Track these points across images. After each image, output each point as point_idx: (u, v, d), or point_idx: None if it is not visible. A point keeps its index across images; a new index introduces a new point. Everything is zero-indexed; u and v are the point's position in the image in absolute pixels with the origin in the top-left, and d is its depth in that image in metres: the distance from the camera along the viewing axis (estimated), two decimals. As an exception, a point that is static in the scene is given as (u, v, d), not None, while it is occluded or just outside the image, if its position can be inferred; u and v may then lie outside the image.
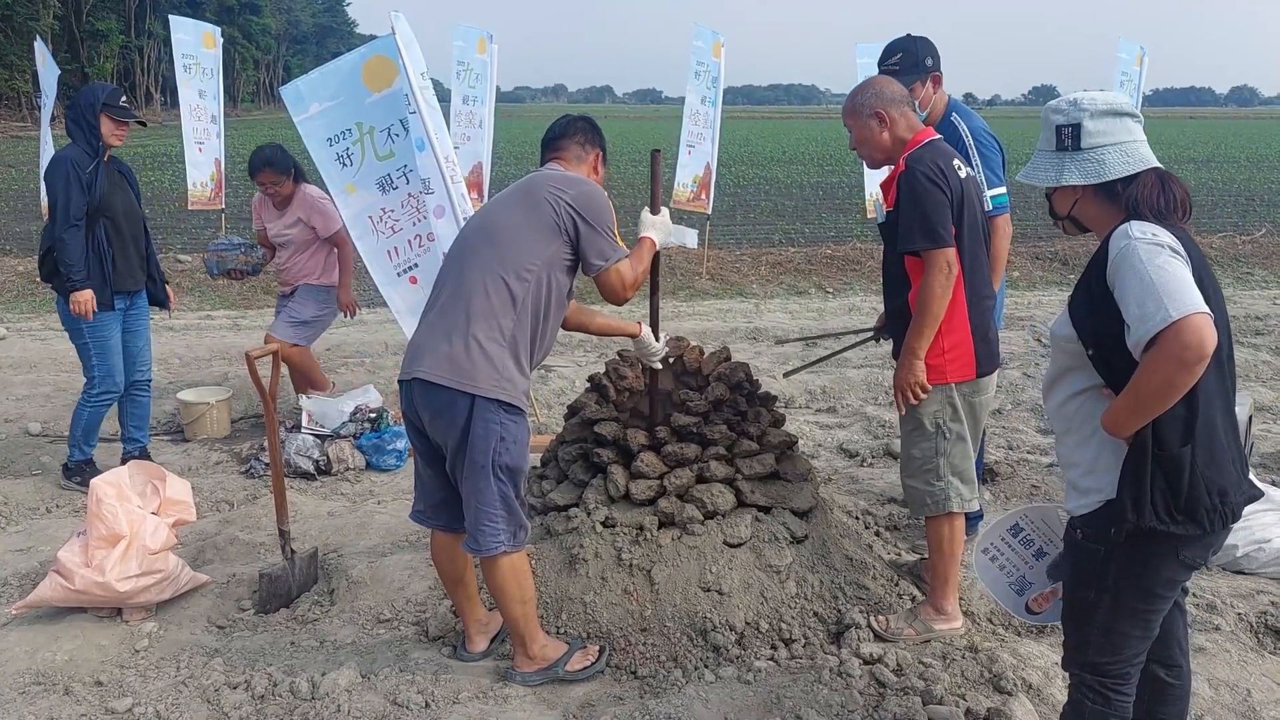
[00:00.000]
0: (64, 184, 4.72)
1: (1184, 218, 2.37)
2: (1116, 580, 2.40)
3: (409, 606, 3.83)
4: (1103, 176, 2.39)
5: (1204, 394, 2.25)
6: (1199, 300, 2.11)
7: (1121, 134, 2.41)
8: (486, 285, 3.07)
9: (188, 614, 3.81)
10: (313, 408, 5.70)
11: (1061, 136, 2.44)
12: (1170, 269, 2.15)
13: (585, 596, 3.57)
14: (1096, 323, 2.34)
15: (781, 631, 3.51)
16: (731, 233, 14.86)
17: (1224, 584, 4.00)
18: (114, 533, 3.62)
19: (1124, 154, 2.39)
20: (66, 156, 4.77)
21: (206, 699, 3.24)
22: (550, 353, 3.70)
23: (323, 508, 4.91)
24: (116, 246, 4.94)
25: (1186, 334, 2.07)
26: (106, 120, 4.83)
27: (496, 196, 3.35)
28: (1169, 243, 2.21)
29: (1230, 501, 2.31)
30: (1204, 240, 13.25)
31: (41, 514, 4.87)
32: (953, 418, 3.50)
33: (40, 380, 7.06)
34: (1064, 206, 2.51)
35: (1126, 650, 2.48)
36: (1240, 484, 2.37)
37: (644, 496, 3.72)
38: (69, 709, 3.18)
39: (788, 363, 7.81)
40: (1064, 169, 2.44)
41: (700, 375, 4.05)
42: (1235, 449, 2.37)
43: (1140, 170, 2.38)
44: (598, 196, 3.23)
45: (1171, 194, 2.34)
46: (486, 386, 3.03)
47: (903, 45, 4.05)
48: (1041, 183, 2.48)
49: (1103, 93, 2.46)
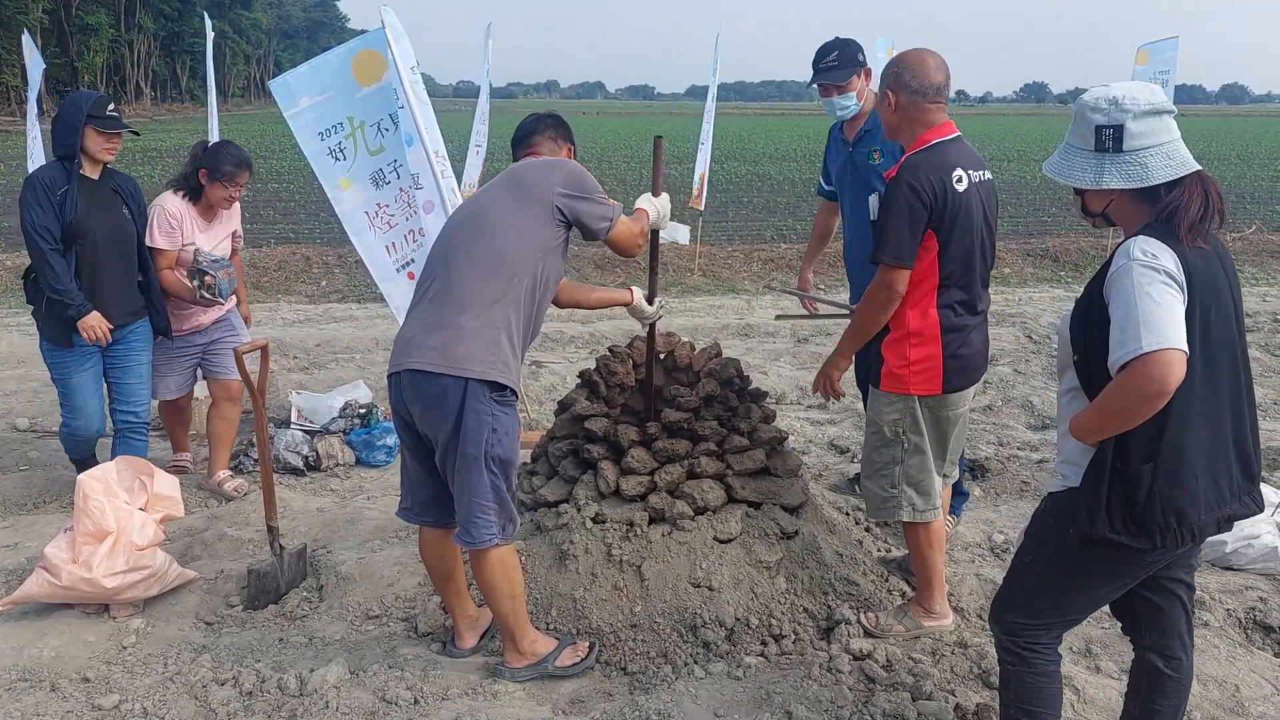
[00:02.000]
0: (30, 207, 4.24)
1: (1220, 225, 2.35)
2: (1056, 555, 2.48)
3: (398, 603, 3.82)
4: (1146, 181, 2.32)
5: (1178, 416, 2.27)
6: (1175, 336, 2.13)
7: (1163, 134, 2.33)
8: (476, 276, 3.06)
9: (175, 610, 3.79)
10: (302, 403, 5.68)
11: (1101, 137, 2.36)
12: (1157, 298, 2.16)
13: (575, 593, 3.56)
14: (1088, 330, 2.36)
15: (771, 627, 3.50)
16: (723, 229, 14.85)
17: (1213, 580, 4.01)
18: (101, 528, 3.60)
19: (1166, 157, 2.32)
20: (37, 176, 4.29)
21: (194, 695, 3.22)
22: (539, 339, 3.71)
23: (312, 504, 4.89)
24: (90, 274, 4.37)
25: (1152, 368, 2.11)
26: (92, 134, 4.30)
27: (483, 188, 3.34)
28: (1167, 267, 2.20)
29: (1190, 522, 2.32)
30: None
31: (29, 510, 4.84)
32: (912, 428, 3.46)
33: (29, 376, 7.02)
34: (1098, 205, 2.46)
35: (1045, 618, 2.56)
36: (1217, 503, 2.36)
37: (634, 492, 3.72)
38: (55, 705, 3.16)
39: (780, 359, 7.81)
40: (1104, 171, 2.36)
41: (691, 371, 4.04)
42: (1224, 468, 2.37)
43: (1184, 175, 2.32)
44: (582, 171, 3.27)
45: (1212, 205, 2.31)
46: (479, 369, 3.01)
47: (835, 45, 4.22)
48: (1079, 184, 2.42)
49: (1143, 89, 2.36)
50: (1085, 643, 3.53)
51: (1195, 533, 2.34)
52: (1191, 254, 2.26)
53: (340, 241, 12.84)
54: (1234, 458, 2.39)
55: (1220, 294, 2.32)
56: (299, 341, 8.12)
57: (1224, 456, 2.37)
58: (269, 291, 10.33)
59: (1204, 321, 2.27)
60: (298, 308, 9.71)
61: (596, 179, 3.30)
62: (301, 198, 18.51)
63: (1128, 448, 2.29)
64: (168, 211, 4.67)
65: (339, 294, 10.41)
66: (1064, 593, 2.52)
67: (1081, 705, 3.16)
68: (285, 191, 19.52)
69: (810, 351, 8.03)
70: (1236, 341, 2.38)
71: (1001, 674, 2.68)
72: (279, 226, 14.39)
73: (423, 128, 5.39)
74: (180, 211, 4.71)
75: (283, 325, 8.88)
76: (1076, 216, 3.57)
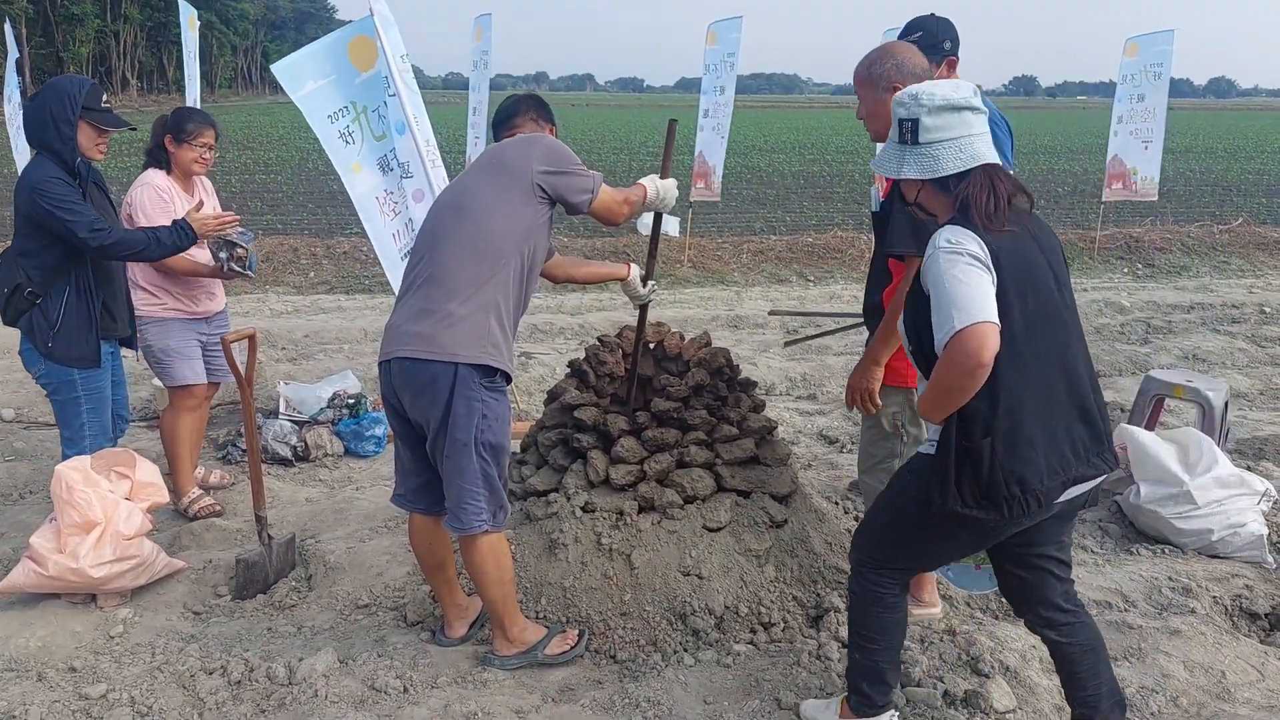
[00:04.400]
0: (63, 204, 3.69)
1: (1031, 206, 2.52)
2: (913, 510, 2.62)
3: (387, 592, 3.81)
4: (936, 172, 2.49)
5: (1007, 389, 2.39)
6: (985, 310, 2.27)
7: (958, 129, 2.49)
8: (463, 261, 3.04)
9: (163, 600, 3.78)
10: (290, 394, 5.66)
11: (903, 130, 2.53)
12: (964, 278, 2.32)
13: (565, 581, 3.56)
14: (917, 318, 2.51)
15: (761, 615, 3.51)
16: (713, 221, 14.84)
17: (1199, 568, 4.03)
18: (88, 519, 3.58)
19: (958, 150, 2.49)
20: (54, 176, 3.72)
21: (182, 685, 3.21)
22: (526, 330, 3.70)
23: (300, 494, 4.88)
24: (104, 282, 3.98)
25: (967, 343, 2.25)
26: (87, 129, 3.79)
27: (463, 173, 3.31)
28: (970, 250, 2.36)
29: (1033, 489, 2.43)
30: (1180, 231, 13.34)
31: (14, 500, 4.81)
32: (911, 421, 3.45)
33: (14, 366, 6.94)
34: (910, 194, 2.63)
35: (894, 563, 2.76)
36: (1061, 468, 2.46)
37: (624, 481, 3.71)
38: (42, 695, 3.14)
39: (769, 350, 7.81)
40: (904, 162, 2.54)
41: (680, 361, 4.03)
42: (1065, 432, 2.47)
43: (972, 167, 2.47)
44: (559, 145, 3.23)
45: (999, 194, 2.45)
46: (470, 354, 3.00)
47: (924, 24, 3.89)
48: (885, 173, 2.61)
49: (946, 85, 2.52)
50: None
51: (1040, 499, 2.45)
52: (997, 237, 2.40)
53: (328, 233, 12.82)
54: (1077, 420, 2.50)
55: (1035, 268, 2.46)
56: (287, 333, 8.09)
57: (1064, 421, 2.48)
58: (256, 283, 10.26)
59: (1019, 295, 2.40)
60: (285, 299, 9.67)
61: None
62: (289, 189, 18.43)
63: (967, 424, 2.42)
64: (157, 187, 4.40)
65: (327, 285, 10.37)
66: (910, 544, 2.73)
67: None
68: (273, 183, 19.43)
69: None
70: (1061, 309, 2.50)
71: (849, 599, 2.88)
72: (266, 218, 14.32)
73: (412, 117, 5.36)
74: (167, 185, 4.45)
75: (270, 316, 8.85)
76: (1066, 210, 3.58)
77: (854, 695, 2.86)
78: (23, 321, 3.89)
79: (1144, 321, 8.96)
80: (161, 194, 4.40)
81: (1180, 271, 11.89)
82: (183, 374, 4.54)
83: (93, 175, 4.00)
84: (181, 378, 4.54)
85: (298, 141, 31.64)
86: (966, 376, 2.29)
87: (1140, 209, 14.39)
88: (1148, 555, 4.19)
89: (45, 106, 3.76)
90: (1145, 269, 11.96)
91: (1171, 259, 12.29)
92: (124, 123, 4.01)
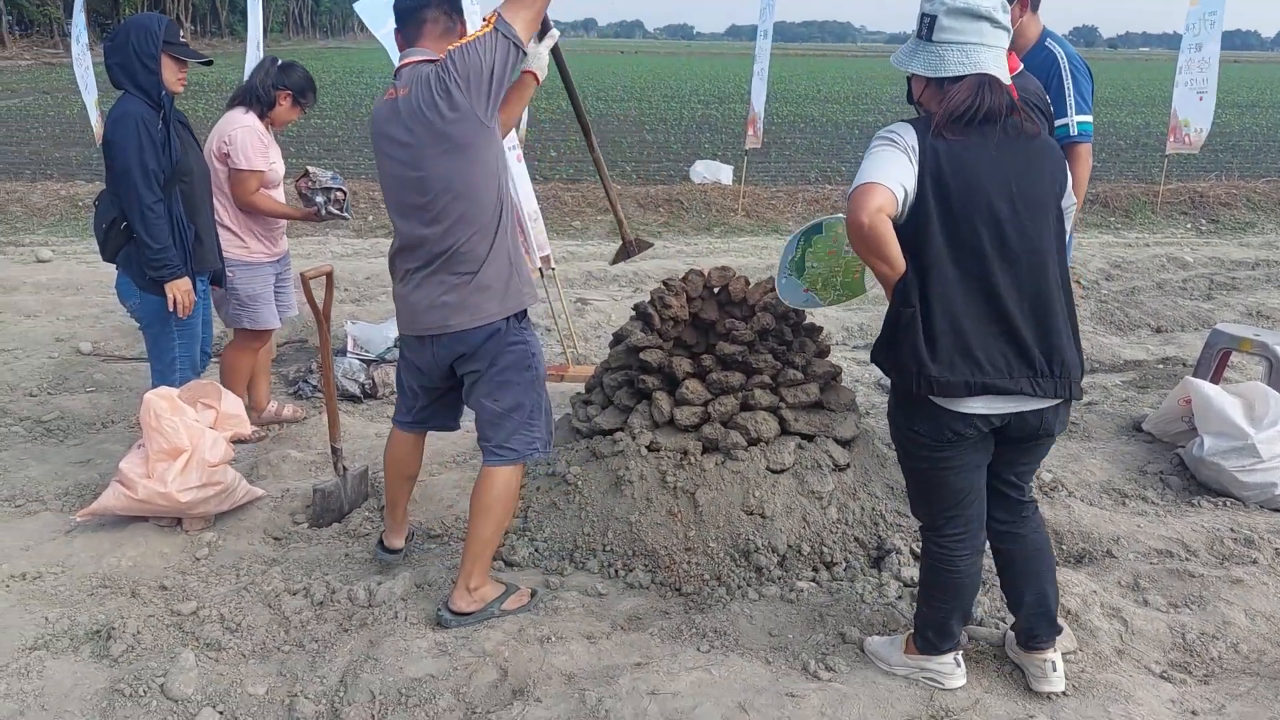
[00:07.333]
0: (136, 145, 3.81)
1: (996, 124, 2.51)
2: (906, 452, 2.78)
3: (458, 523, 3.94)
4: (938, 72, 2.54)
5: (925, 269, 2.50)
6: (876, 175, 2.42)
7: (971, 35, 2.52)
8: (467, 233, 3.06)
9: (244, 525, 3.93)
10: (357, 333, 5.79)
11: (921, 25, 2.58)
12: (878, 155, 2.48)
13: (630, 516, 3.65)
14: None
15: (823, 555, 3.58)
16: (766, 170, 14.74)
17: (1261, 520, 4.03)
18: (175, 446, 3.73)
19: (964, 55, 2.52)
20: (132, 112, 3.83)
21: (268, 604, 3.36)
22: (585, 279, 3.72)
23: (370, 429, 5.01)
24: (194, 217, 4.06)
25: (854, 199, 2.42)
26: (169, 63, 3.90)
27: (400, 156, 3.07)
28: (900, 138, 2.49)
29: (928, 374, 2.51)
30: (1245, 186, 13.00)
31: (97, 429, 5.00)
32: None
33: (88, 301, 7.19)
34: (916, 92, 2.67)
35: (928, 509, 2.83)
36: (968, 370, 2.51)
37: (688, 422, 3.78)
38: (137, 610, 3.30)
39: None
40: (915, 57, 2.60)
41: (745, 305, 4.07)
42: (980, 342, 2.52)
43: (970, 73, 2.50)
44: (460, 58, 2.91)
45: (976, 104, 2.48)
46: (508, 306, 3.15)
47: None
48: (897, 65, 2.66)
49: None
50: (1134, 577, 3.58)
51: (933, 385, 2.52)
52: (947, 142, 2.48)
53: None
54: (1000, 336, 2.53)
55: (978, 178, 2.48)
56: (349, 274, 8.24)
57: (980, 332, 2.52)
58: (317, 225, 10.40)
59: (942, 198, 2.48)
60: (346, 241, 9.81)
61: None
62: (345, 134, 18.55)
63: (902, 291, 2.53)
64: (259, 132, 4.50)
65: (385, 229, 10.48)
66: (922, 491, 2.82)
67: (1130, 636, 3.22)
68: (329, 128, 19.55)
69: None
70: (1004, 224, 2.49)
71: (920, 560, 2.99)
72: (323, 161, 14.45)
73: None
74: (265, 130, 4.56)
75: (331, 258, 8.99)
76: (1128, 163, 3.56)
77: (919, 638, 2.92)
78: (120, 255, 4.02)
79: (1207, 277, 8.81)
80: (262, 139, 4.52)
81: (1245, 228, 11.62)
82: (267, 319, 4.74)
83: (177, 115, 4.08)
84: (265, 322, 4.73)
85: (350, 86, 31.75)
86: (856, 229, 2.42)
87: (1202, 164, 14.03)
88: (1209, 507, 4.19)
89: (128, 43, 3.86)
90: (1209, 224, 11.71)
91: (1236, 215, 12.01)
92: (202, 56, 4.12)
